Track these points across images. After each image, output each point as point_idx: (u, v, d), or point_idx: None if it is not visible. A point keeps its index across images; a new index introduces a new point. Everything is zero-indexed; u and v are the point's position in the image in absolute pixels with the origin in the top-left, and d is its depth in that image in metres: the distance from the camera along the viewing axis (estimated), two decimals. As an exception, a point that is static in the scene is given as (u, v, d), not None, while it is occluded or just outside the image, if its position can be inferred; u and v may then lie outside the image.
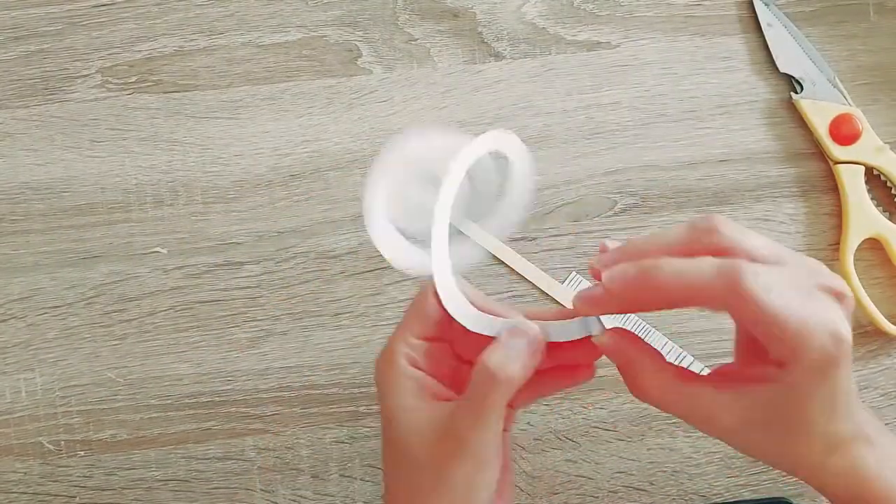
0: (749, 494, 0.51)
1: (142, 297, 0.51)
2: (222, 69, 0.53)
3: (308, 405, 0.51)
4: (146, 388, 0.51)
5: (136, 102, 0.52)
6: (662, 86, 0.53)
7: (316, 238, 0.52)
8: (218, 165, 0.52)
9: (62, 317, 0.51)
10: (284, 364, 0.51)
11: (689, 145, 0.53)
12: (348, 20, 0.53)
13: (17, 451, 0.50)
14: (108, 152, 0.52)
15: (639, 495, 0.51)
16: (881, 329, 0.51)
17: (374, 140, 0.52)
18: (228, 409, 0.51)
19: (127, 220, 0.52)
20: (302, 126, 0.52)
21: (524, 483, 0.51)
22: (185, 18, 0.53)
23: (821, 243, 0.53)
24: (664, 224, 0.52)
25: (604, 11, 0.54)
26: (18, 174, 0.52)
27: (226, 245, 0.51)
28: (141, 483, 0.50)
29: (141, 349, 0.51)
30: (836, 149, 0.52)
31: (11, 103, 0.52)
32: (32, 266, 0.51)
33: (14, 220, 0.51)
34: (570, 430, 0.51)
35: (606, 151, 0.52)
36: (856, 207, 0.52)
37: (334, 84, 0.53)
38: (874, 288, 0.52)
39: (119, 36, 0.53)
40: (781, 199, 0.53)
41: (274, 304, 0.51)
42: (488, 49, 0.53)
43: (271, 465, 0.51)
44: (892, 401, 0.52)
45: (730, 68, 0.53)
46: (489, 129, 0.40)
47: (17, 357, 0.51)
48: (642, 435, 0.51)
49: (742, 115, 0.53)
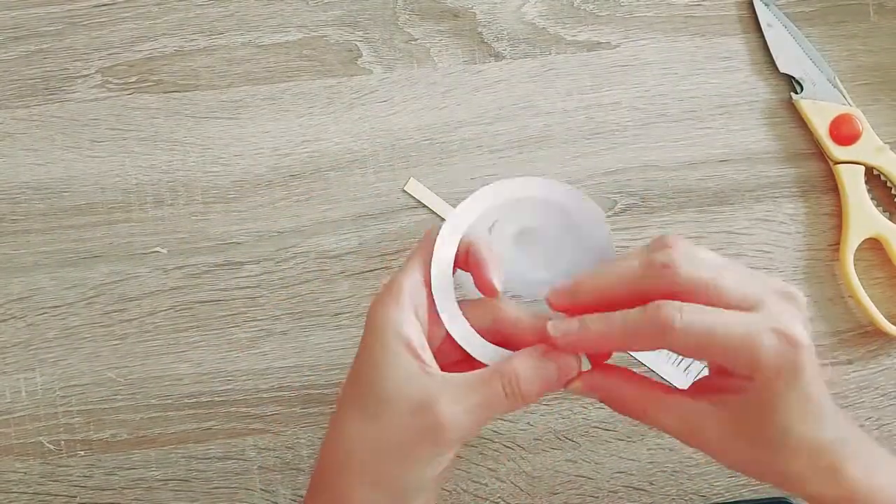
0: (749, 494, 0.51)
1: (142, 297, 0.51)
2: (222, 69, 0.53)
3: (308, 405, 0.51)
4: (146, 388, 0.51)
5: (136, 102, 0.52)
6: (662, 86, 0.53)
7: (316, 238, 0.52)
8: (218, 165, 0.52)
9: (62, 317, 0.51)
10: (284, 364, 0.51)
11: (689, 145, 0.53)
12: (348, 20, 0.53)
13: (18, 450, 0.50)
14: (108, 152, 0.52)
15: (639, 495, 0.51)
16: (881, 329, 0.51)
17: (375, 140, 0.52)
18: (228, 409, 0.51)
19: (127, 220, 0.52)
20: (302, 126, 0.52)
21: (524, 483, 0.51)
22: (186, 18, 0.53)
23: (821, 243, 0.53)
24: (664, 224, 0.52)
25: (604, 11, 0.54)
26: (18, 174, 0.52)
27: (226, 245, 0.52)
28: (141, 483, 0.50)
29: (141, 349, 0.51)
30: (836, 149, 0.52)
31: (11, 103, 0.52)
32: (32, 266, 0.51)
33: (14, 220, 0.51)
34: (570, 430, 0.51)
35: (606, 151, 0.53)
36: (856, 207, 0.52)
37: (334, 84, 0.53)
38: (874, 288, 0.52)
39: (119, 36, 0.53)
40: (781, 199, 0.53)
41: (274, 304, 0.51)
42: (488, 49, 0.53)
43: (271, 465, 0.51)
44: (893, 401, 0.52)
45: (730, 68, 0.53)
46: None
47: (17, 357, 0.51)
48: (642, 435, 0.51)
49: (742, 115, 0.53)
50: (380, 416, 0.36)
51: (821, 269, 0.52)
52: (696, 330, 0.34)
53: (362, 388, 0.37)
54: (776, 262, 0.52)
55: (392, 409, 0.36)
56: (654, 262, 0.36)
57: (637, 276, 0.36)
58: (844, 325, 0.52)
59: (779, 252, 0.53)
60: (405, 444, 0.36)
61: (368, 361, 0.37)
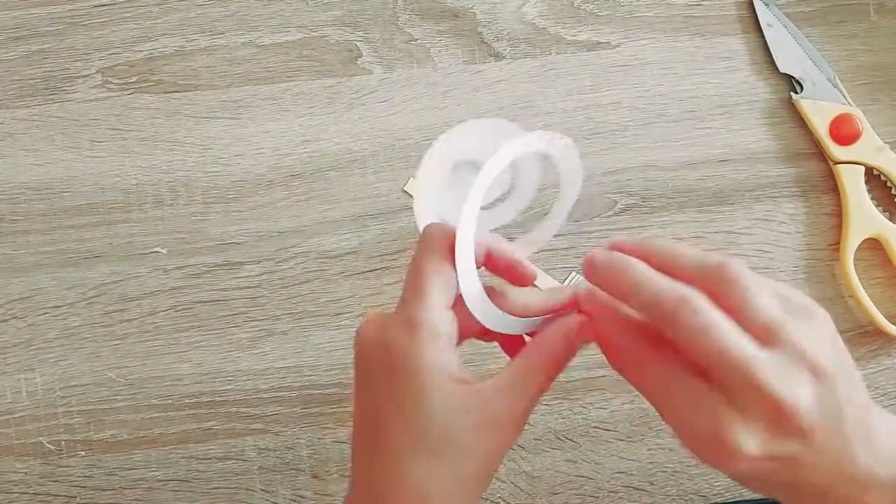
0: (749, 494, 0.51)
1: (142, 297, 0.51)
2: (223, 69, 0.53)
3: (308, 405, 0.51)
4: (147, 388, 0.51)
5: (136, 102, 0.52)
6: (662, 86, 0.53)
7: (316, 238, 0.52)
8: (218, 165, 0.52)
9: (63, 317, 0.51)
10: (285, 364, 0.51)
11: (689, 145, 0.53)
12: (348, 20, 0.53)
13: (18, 451, 0.50)
14: (108, 152, 0.52)
15: (639, 495, 0.51)
16: (881, 329, 0.51)
17: (375, 140, 0.52)
18: (229, 409, 0.51)
19: (127, 220, 0.52)
20: (302, 126, 0.52)
21: (524, 483, 0.51)
22: (186, 18, 0.53)
23: (821, 243, 0.53)
24: (664, 224, 0.52)
25: (604, 11, 0.54)
26: (19, 174, 0.52)
27: (226, 245, 0.52)
28: (141, 483, 0.50)
29: (141, 349, 0.51)
30: (836, 149, 0.52)
31: (12, 103, 0.52)
32: (33, 266, 0.51)
33: (14, 220, 0.51)
34: (570, 430, 0.51)
35: (606, 151, 0.53)
36: (856, 207, 0.52)
37: (334, 84, 0.53)
38: (874, 288, 0.52)
39: (120, 36, 0.53)
40: (781, 199, 0.53)
41: (274, 304, 0.51)
42: (488, 49, 0.53)
43: (272, 465, 0.51)
44: (893, 401, 0.52)
45: (730, 68, 0.53)
46: (539, 128, 0.39)
47: (17, 357, 0.51)
48: (642, 435, 0.51)
49: (742, 115, 0.53)
50: (452, 453, 0.36)
51: (821, 269, 0.52)
52: (701, 339, 0.33)
53: (428, 432, 0.36)
54: (776, 262, 0.52)
55: (462, 442, 0.36)
56: (710, 258, 0.35)
57: (692, 274, 0.35)
58: (844, 325, 0.52)
59: (779, 252, 0.53)
60: (481, 466, 0.37)
61: (426, 406, 0.36)
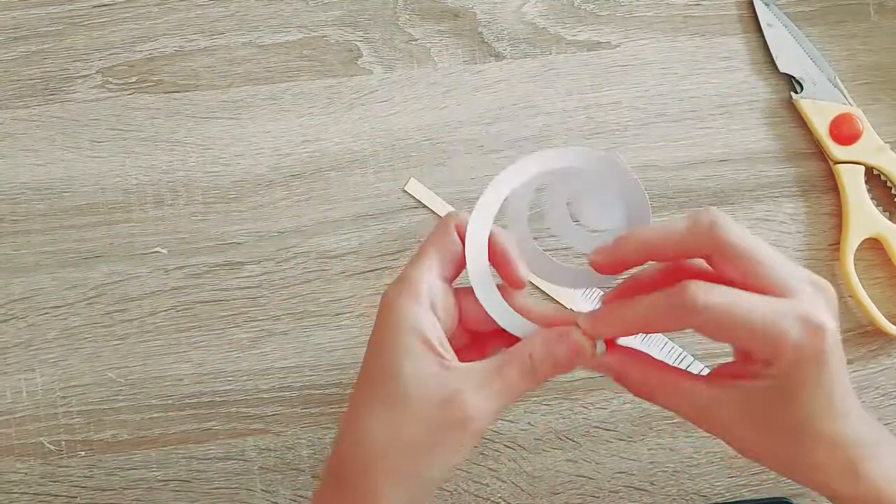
0: (749, 494, 0.51)
1: (142, 298, 0.51)
2: (223, 69, 0.53)
3: (309, 405, 0.51)
4: (147, 389, 0.51)
5: (136, 103, 0.52)
6: (662, 86, 0.53)
7: (316, 238, 0.52)
8: (218, 165, 0.52)
9: (63, 317, 0.51)
10: (285, 364, 0.51)
11: (689, 145, 0.53)
12: (349, 20, 0.53)
13: (18, 451, 0.50)
14: (108, 152, 0.52)
15: (639, 495, 0.51)
16: (881, 329, 0.51)
17: (375, 140, 0.52)
18: (229, 410, 0.51)
19: (127, 220, 0.52)
20: (302, 126, 0.52)
21: (525, 483, 0.51)
22: (186, 18, 0.53)
23: (821, 243, 0.53)
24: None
25: (604, 11, 0.54)
26: (19, 174, 0.52)
27: (226, 245, 0.52)
28: (142, 483, 0.50)
29: (142, 349, 0.51)
30: (836, 149, 0.52)
31: (12, 103, 0.52)
32: (33, 266, 0.51)
33: (14, 221, 0.51)
34: (570, 430, 0.51)
35: (606, 151, 0.53)
36: (856, 207, 0.52)
37: (335, 84, 0.53)
38: (874, 288, 0.52)
39: (119, 36, 0.53)
40: (781, 199, 0.53)
41: (275, 304, 0.51)
42: (488, 49, 0.53)
43: (272, 466, 0.51)
44: (893, 401, 0.52)
45: (730, 68, 0.53)
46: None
47: (17, 357, 0.51)
48: (643, 435, 0.51)
49: (742, 115, 0.53)
50: (405, 413, 0.36)
51: (821, 268, 0.52)
52: (719, 310, 0.34)
53: (384, 386, 0.36)
54: (776, 261, 0.52)
55: (418, 405, 0.35)
56: (700, 221, 0.35)
57: (682, 234, 0.36)
58: (844, 324, 0.52)
59: (779, 252, 0.53)
60: (434, 439, 0.36)
61: (388, 359, 0.36)
